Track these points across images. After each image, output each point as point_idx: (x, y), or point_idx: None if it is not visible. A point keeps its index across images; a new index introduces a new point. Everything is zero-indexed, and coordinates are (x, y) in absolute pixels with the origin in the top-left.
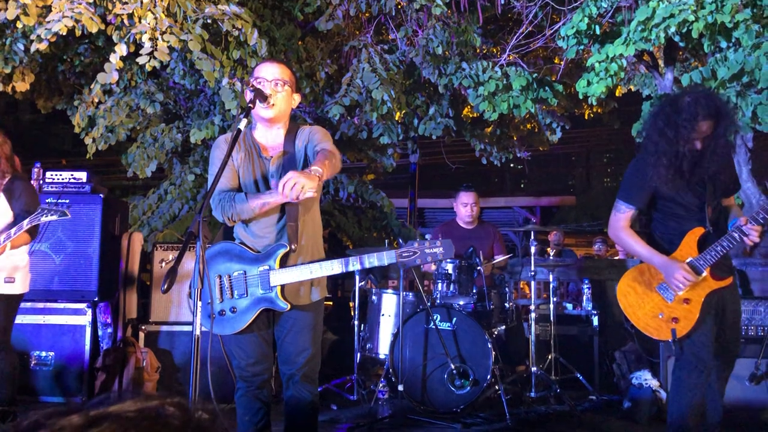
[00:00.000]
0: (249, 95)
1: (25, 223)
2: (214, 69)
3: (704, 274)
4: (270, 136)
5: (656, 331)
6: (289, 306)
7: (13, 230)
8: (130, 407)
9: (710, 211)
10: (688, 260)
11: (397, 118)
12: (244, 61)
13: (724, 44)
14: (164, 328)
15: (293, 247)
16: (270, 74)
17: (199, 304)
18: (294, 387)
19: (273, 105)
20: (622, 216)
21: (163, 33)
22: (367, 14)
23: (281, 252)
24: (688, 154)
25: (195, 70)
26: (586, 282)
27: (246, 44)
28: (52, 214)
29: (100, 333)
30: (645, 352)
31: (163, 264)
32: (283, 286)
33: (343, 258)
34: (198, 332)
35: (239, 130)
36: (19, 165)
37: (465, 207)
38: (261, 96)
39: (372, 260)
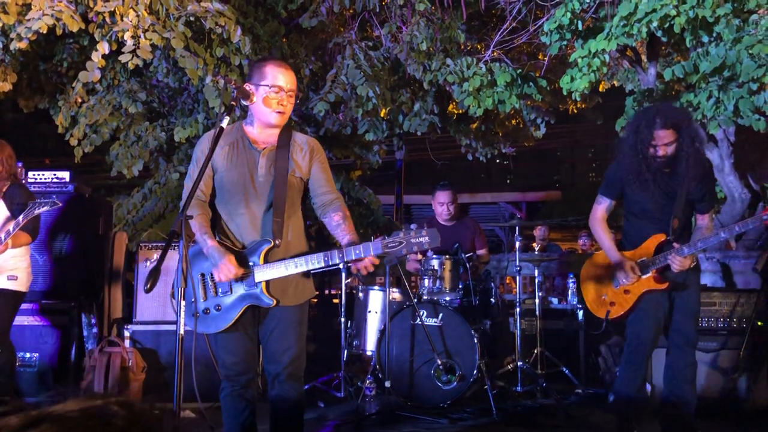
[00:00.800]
0: (253, 92)
1: (21, 218)
2: (198, 67)
3: (649, 274)
4: (265, 134)
5: (596, 308)
6: (275, 302)
7: (11, 226)
8: (72, 407)
9: (675, 223)
10: (640, 260)
11: (382, 115)
12: (228, 59)
13: (705, 39)
14: (150, 327)
15: (277, 242)
16: (287, 84)
17: (183, 303)
18: (279, 386)
19: (284, 113)
20: (599, 207)
21: (145, 31)
22: (351, 11)
23: (265, 248)
24: (650, 160)
25: (178, 68)
26: (571, 276)
27: (229, 42)
28: (43, 206)
29: (84, 333)
30: None
31: (148, 263)
32: (268, 282)
33: (329, 251)
34: (182, 331)
35: (221, 129)
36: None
37: (441, 206)
38: (244, 95)
39: (358, 252)
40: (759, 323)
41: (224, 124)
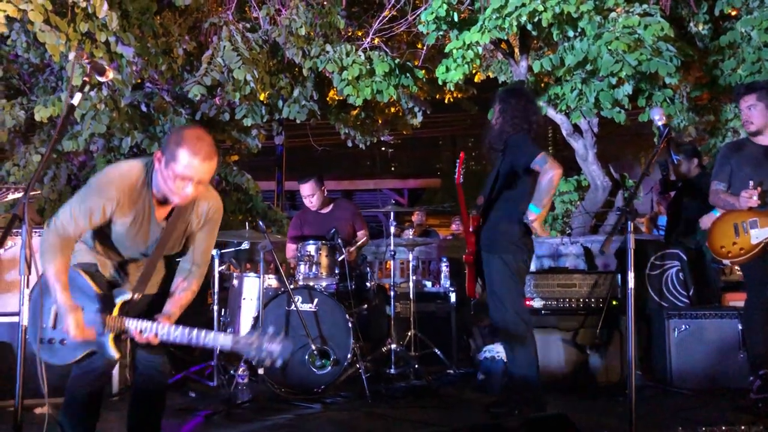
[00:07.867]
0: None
1: None
2: (60, 42)
3: None
4: (166, 206)
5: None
6: (118, 355)
7: None
8: None
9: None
10: None
11: (261, 99)
12: (93, 35)
13: (571, 33)
14: (5, 319)
15: (136, 296)
16: (197, 175)
17: (27, 292)
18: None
19: (187, 198)
20: None
21: None
22: None
23: (121, 300)
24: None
25: (40, 43)
26: (444, 260)
27: (95, 16)
28: None
29: None
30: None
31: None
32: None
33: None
34: (25, 322)
35: (72, 107)
36: None
37: (305, 199)
38: (99, 70)
39: (208, 340)
40: (614, 302)
41: (75, 101)
